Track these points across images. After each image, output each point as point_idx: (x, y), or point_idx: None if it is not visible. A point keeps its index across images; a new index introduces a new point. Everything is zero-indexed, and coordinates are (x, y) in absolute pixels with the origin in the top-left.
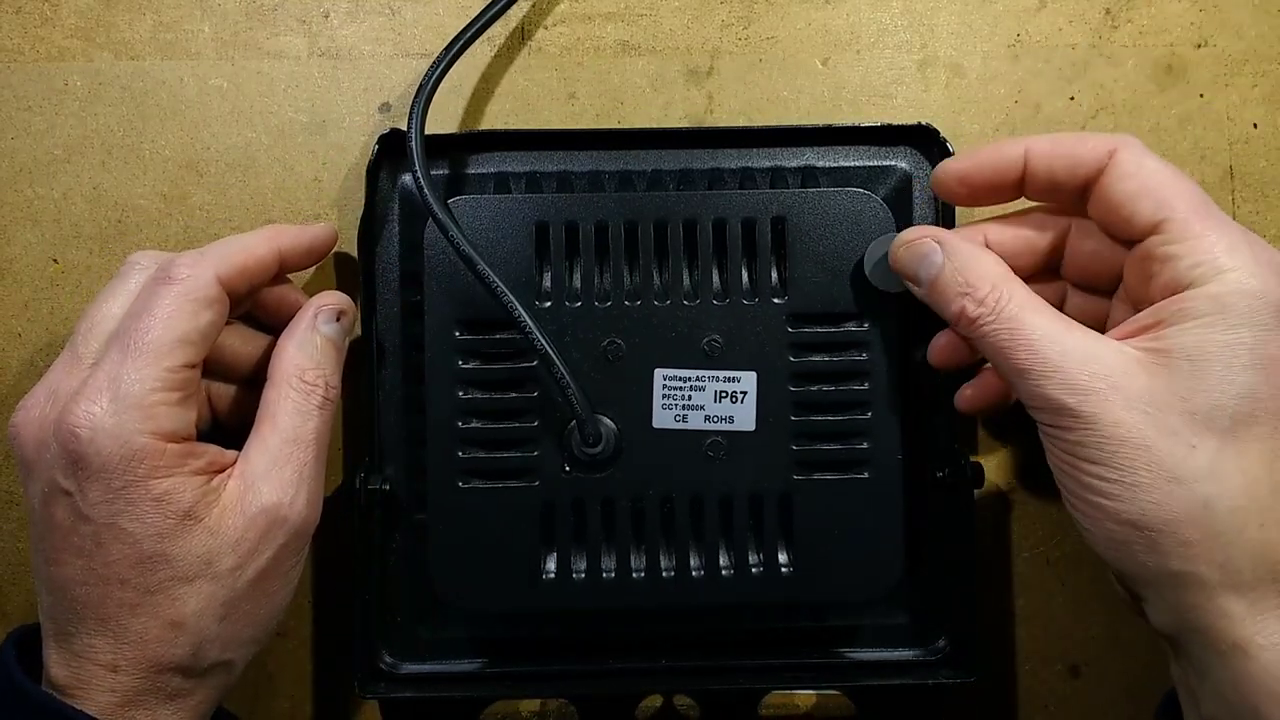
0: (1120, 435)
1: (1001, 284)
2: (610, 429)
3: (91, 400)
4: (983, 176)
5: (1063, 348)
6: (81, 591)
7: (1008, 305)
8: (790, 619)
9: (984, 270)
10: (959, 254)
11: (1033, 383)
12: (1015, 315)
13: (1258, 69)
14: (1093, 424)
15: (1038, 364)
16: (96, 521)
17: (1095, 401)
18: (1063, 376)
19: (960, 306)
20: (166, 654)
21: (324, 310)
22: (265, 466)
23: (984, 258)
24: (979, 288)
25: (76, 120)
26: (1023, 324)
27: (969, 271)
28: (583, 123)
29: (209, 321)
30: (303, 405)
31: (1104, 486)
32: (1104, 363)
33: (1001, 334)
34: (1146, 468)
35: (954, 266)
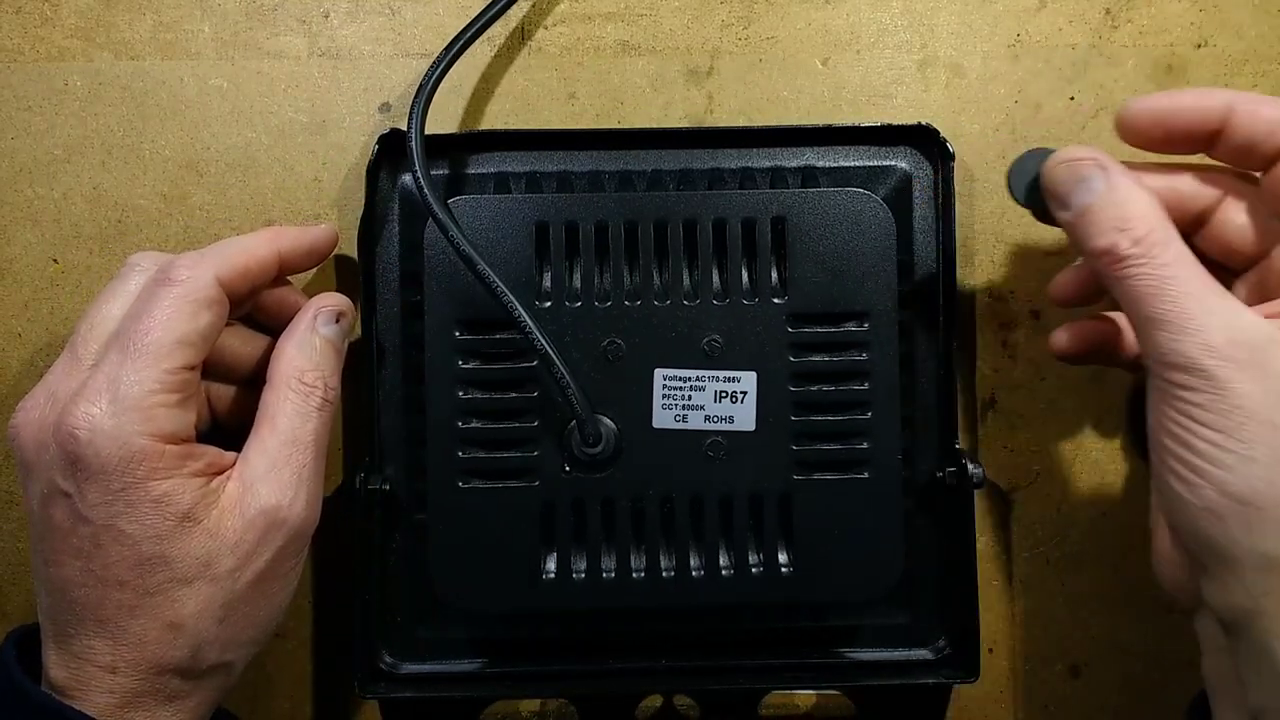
0: (1250, 408)
1: (1160, 228)
2: (610, 429)
3: (91, 402)
4: (1179, 121)
5: (1208, 307)
6: (80, 593)
7: (1163, 251)
8: (790, 619)
9: (1145, 208)
10: (1121, 186)
11: (1170, 335)
12: (1169, 262)
13: (1258, 69)
14: (1223, 390)
15: (1180, 316)
16: (95, 523)
17: (1231, 368)
18: (1204, 336)
19: (1113, 242)
20: (165, 655)
21: (323, 311)
22: (264, 468)
23: (1146, 196)
24: (1137, 226)
25: (76, 120)
26: (1174, 273)
27: (1129, 206)
28: (583, 123)
29: (208, 323)
30: (302, 407)
31: (1218, 455)
32: (1246, 331)
33: (1150, 279)
34: (1267, 445)
35: (1114, 199)
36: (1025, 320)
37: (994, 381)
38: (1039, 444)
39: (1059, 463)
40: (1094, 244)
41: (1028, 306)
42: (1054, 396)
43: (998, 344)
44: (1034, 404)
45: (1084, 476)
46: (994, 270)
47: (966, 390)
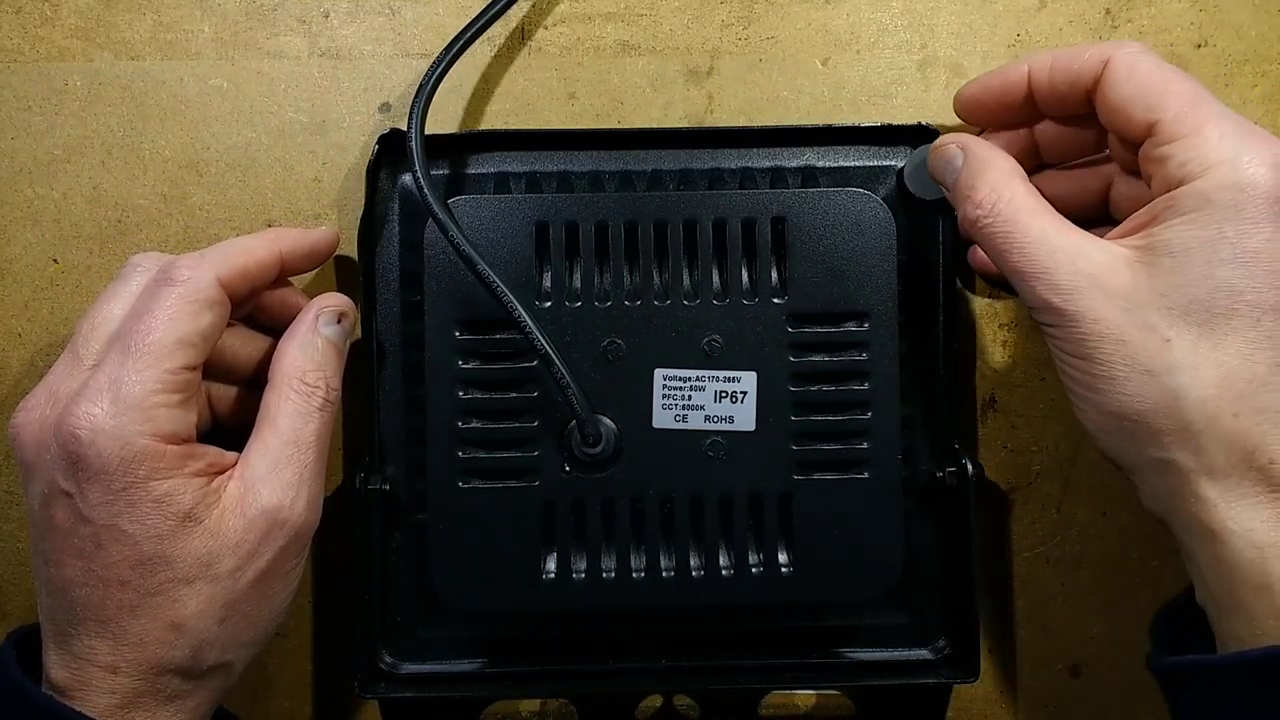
0: (1099, 331)
1: (1002, 186)
2: (610, 429)
3: (92, 402)
4: (992, 97)
5: (1051, 248)
6: (81, 593)
7: (1005, 207)
8: (790, 619)
9: (988, 174)
10: (973, 157)
11: (1026, 284)
12: (1010, 217)
13: (1258, 69)
14: (1075, 321)
15: (1027, 265)
16: (96, 523)
17: (1076, 299)
18: (1050, 277)
19: (963, 211)
20: (166, 656)
21: (325, 312)
22: (265, 469)
23: (994, 160)
24: (979, 189)
25: (76, 120)
26: (1016, 225)
27: (976, 175)
28: (583, 123)
29: (210, 323)
30: (303, 407)
31: (1087, 379)
32: (1090, 261)
33: (997, 236)
34: (1123, 362)
35: (969, 170)
36: (1025, 320)
37: (994, 381)
38: (1039, 444)
39: (1059, 463)
40: (959, 212)
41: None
42: (1054, 396)
43: (998, 344)
44: (1034, 404)
45: (1084, 476)
46: None
47: (966, 390)
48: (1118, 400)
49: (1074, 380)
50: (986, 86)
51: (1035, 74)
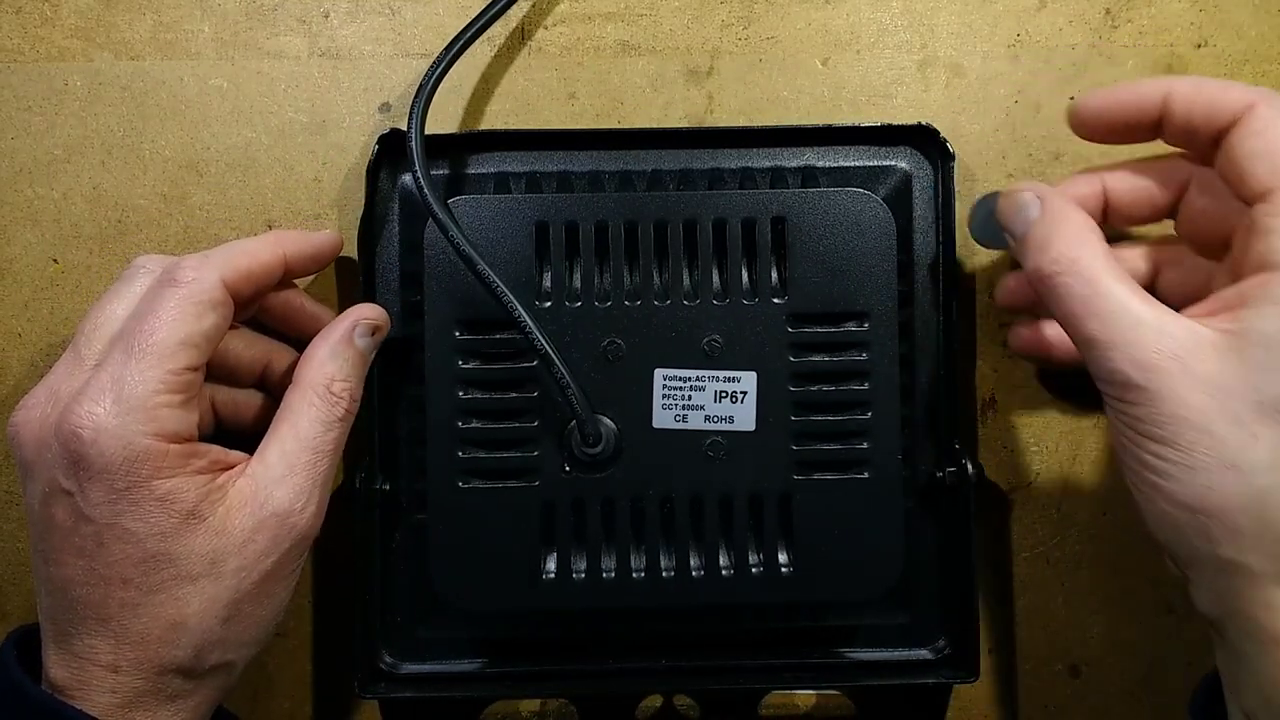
0: (1183, 416)
1: (1083, 245)
2: (610, 429)
3: (94, 401)
4: (1121, 114)
5: (1134, 319)
6: (82, 592)
7: (1086, 266)
8: (790, 619)
9: (1069, 228)
10: (1051, 209)
11: (1100, 353)
12: (1092, 278)
13: (1258, 69)
14: (1157, 401)
15: (1108, 334)
16: (98, 522)
17: (1161, 379)
18: (1132, 350)
19: (1037, 263)
20: (168, 655)
21: (363, 323)
22: (282, 471)
23: (1074, 215)
24: (1058, 245)
25: (76, 120)
26: (1097, 290)
27: (1055, 227)
28: (583, 123)
29: (213, 325)
30: (326, 415)
31: (1162, 465)
32: (1175, 340)
33: (1075, 299)
34: (1205, 451)
35: (1044, 222)
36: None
37: (994, 381)
38: (1039, 444)
39: (1059, 463)
40: (1026, 266)
41: None
42: (1054, 396)
43: (998, 344)
44: (1034, 404)
45: (1084, 476)
46: (994, 270)
47: (966, 390)
48: (1194, 491)
49: (1143, 464)
50: (1118, 99)
51: (1174, 98)
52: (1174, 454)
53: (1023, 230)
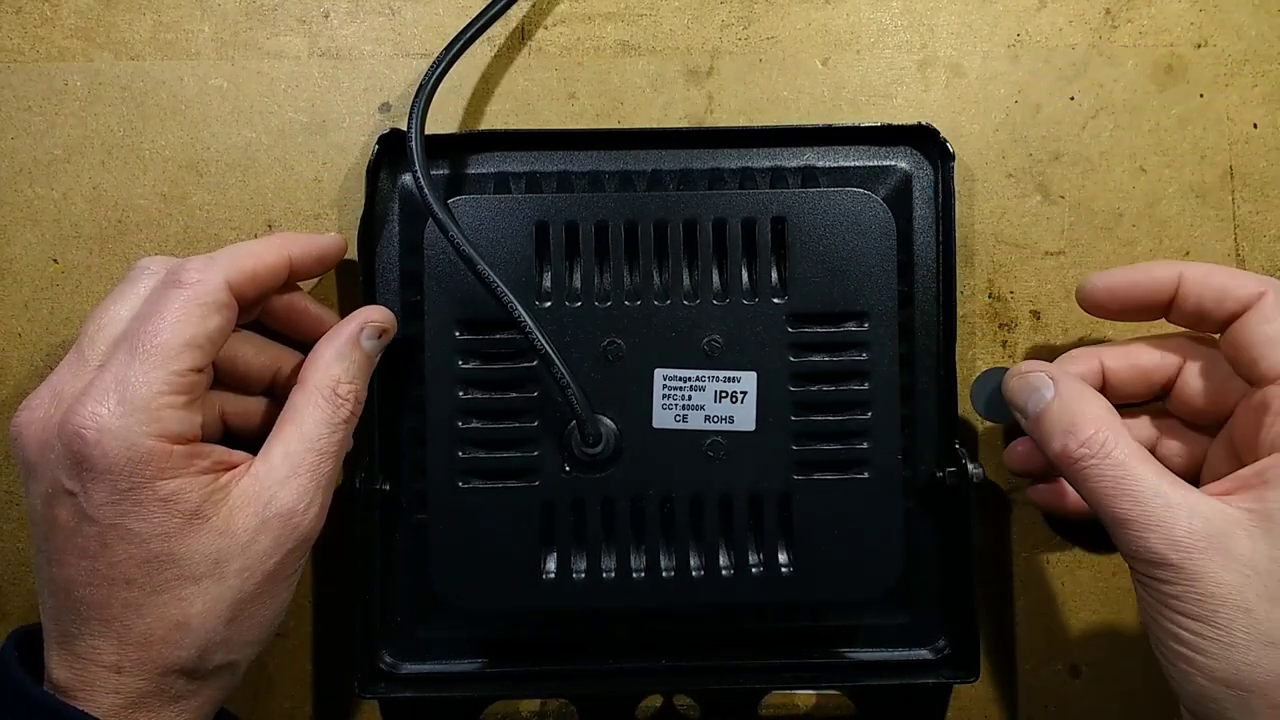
0: (1221, 595)
1: (1107, 428)
2: (610, 429)
3: (98, 401)
4: (1133, 295)
5: (1166, 501)
6: (86, 592)
7: (1113, 450)
8: (790, 619)
9: (1091, 411)
10: (1068, 391)
11: (1134, 533)
12: (1121, 462)
13: (1258, 69)
14: (1194, 581)
15: (1141, 515)
16: (101, 522)
17: (1198, 559)
18: (1166, 531)
19: (1063, 445)
20: (171, 655)
21: (370, 325)
22: (286, 472)
23: (1092, 398)
24: (1084, 428)
25: (76, 120)
26: (1128, 472)
27: (1075, 410)
28: (583, 123)
29: (217, 326)
30: (331, 417)
31: (1199, 643)
32: (1207, 520)
33: (1105, 480)
34: (1245, 630)
35: (1062, 404)
36: (1025, 320)
37: None
38: None
39: None
40: (1049, 448)
41: (1028, 306)
42: None
43: (998, 344)
44: None
45: None
46: (994, 270)
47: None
48: (1234, 668)
49: (1178, 639)
50: (1131, 280)
51: (1187, 282)
52: (1212, 631)
53: (1037, 410)
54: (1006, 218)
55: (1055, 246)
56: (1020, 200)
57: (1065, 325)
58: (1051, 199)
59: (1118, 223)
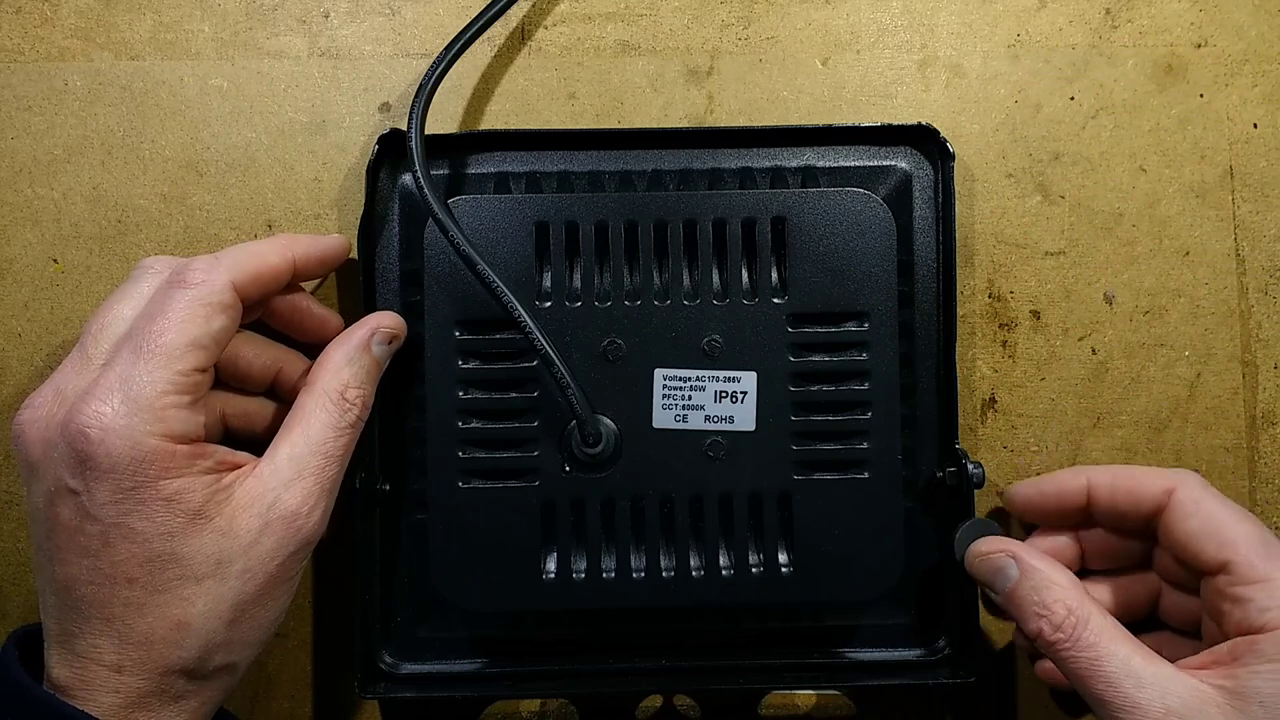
0: None
1: (1077, 609)
2: (610, 429)
3: (102, 401)
4: (1047, 506)
5: (1138, 680)
6: (87, 591)
7: (1084, 632)
8: (790, 619)
9: (1058, 592)
10: (1033, 573)
11: (1112, 713)
12: (1093, 643)
13: (1258, 69)
14: None
15: (1116, 697)
16: (104, 521)
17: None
18: (1140, 713)
19: (1038, 628)
20: (172, 655)
21: (382, 331)
22: (291, 474)
23: (1058, 577)
24: (1055, 611)
25: (76, 120)
26: (1099, 653)
27: (1044, 592)
28: (583, 123)
29: (221, 327)
30: (338, 421)
31: None
32: (1178, 699)
33: (1081, 661)
34: None
35: (1029, 585)
36: (1025, 320)
37: (994, 381)
38: (1039, 444)
39: (1059, 463)
40: (1026, 628)
41: (1028, 306)
42: (1054, 396)
43: (998, 344)
44: (1034, 404)
45: None
46: (994, 270)
47: (966, 390)
48: None
49: None
50: (1041, 491)
51: (1095, 490)
52: None
53: (1005, 589)
54: (1006, 218)
55: (1055, 246)
56: (1020, 200)
57: (1065, 325)
58: (1051, 199)
59: (1118, 223)
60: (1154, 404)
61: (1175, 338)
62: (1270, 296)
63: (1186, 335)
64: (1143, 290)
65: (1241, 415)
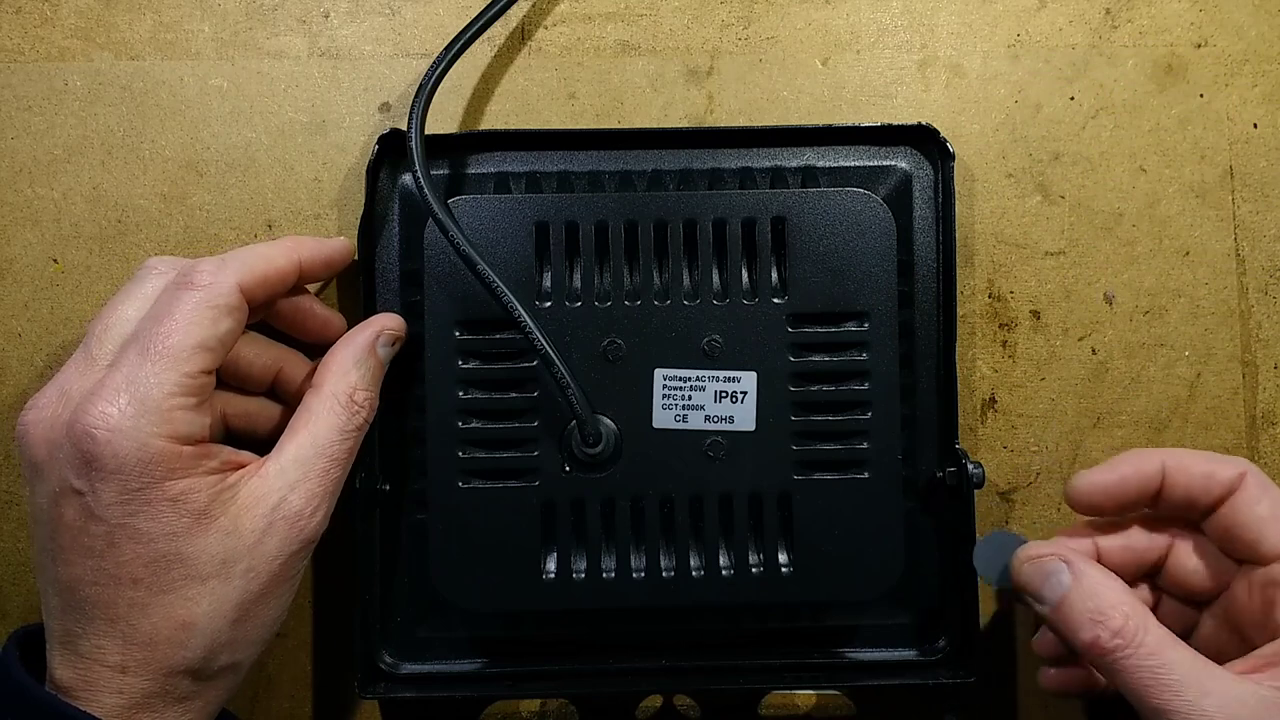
0: None
1: (1135, 615)
2: (610, 429)
3: (109, 401)
4: (1125, 492)
5: (1204, 689)
6: (91, 591)
7: (1146, 639)
8: (790, 619)
9: (1116, 598)
10: (1088, 577)
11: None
12: (1155, 651)
13: (1258, 69)
14: None
15: (1182, 707)
16: (110, 522)
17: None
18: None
19: (1094, 636)
20: (177, 656)
21: (387, 333)
22: (296, 475)
23: (1113, 584)
24: (1112, 618)
25: (76, 120)
26: (1162, 661)
27: (1101, 597)
28: (583, 123)
29: (228, 329)
30: (345, 424)
31: None
32: (1241, 704)
33: (1141, 671)
34: None
35: (1084, 591)
36: (1025, 320)
37: (994, 381)
38: (1039, 444)
39: (1059, 463)
40: (1076, 638)
41: (1028, 306)
42: (1054, 396)
43: (998, 344)
44: (1034, 404)
45: None
46: (994, 270)
47: (966, 390)
48: None
49: None
50: (1121, 476)
51: (1173, 475)
52: None
53: (1056, 597)
54: (1006, 218)
55: (1055, 246)
56: (1020, 200)
57: (1065, 325)
58: (1051, 199)
59: (1118, 223)
60: (1154, 404)
61: (1175, 338)
62: (1270, 296)
63: (1186, 335)
64: (1143, 290)
65: (1241, 415)
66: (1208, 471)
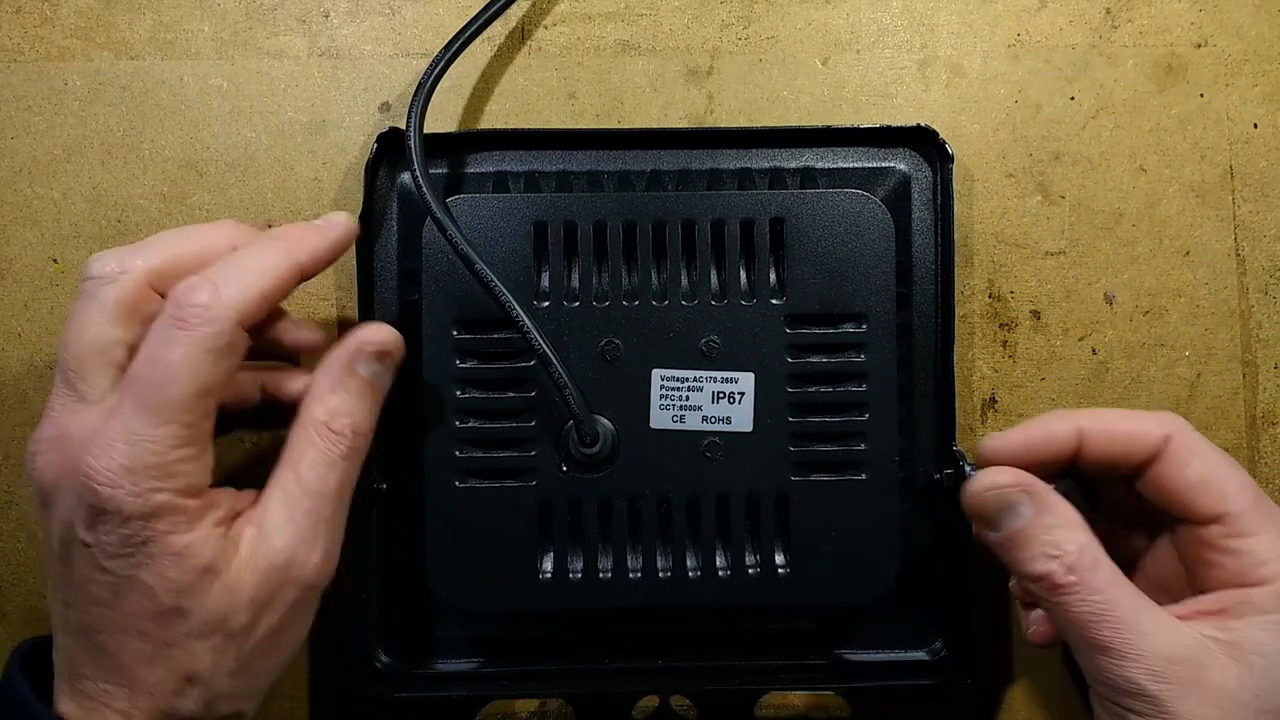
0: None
1: (1090, 549)
2: (607, 429)
3: (109, 456)
4: (1034, 456)
5: (1144, 629)
6: (100, 639)
7: (1095, 575)
8: (787, 620)
9: (1074, 534)
10: (1049, 510)
11: (1113, 660)
12: (1102, 588)
13: (1258, 69)
14: (1168, 712)
15: (1121, 644)
16: (116, 574)
17: (1174, 689)
18: (1146, 661)
19: (1048, 569)
20: (180, 705)
21: (365, 352)
22: (282, 519)
23: (1074, 518)
24: (1069, 552)
25: (76, 120)
26: (1109, 597)
27: (1059, 531)
28: (582, 123)
29: (228, 368)
30: (327, 455)
31: None
32: (1181, 648)
33: (1087, 606)
34: None
35: (1043, 523)
36: (1025, 320)
37: (994, 381)
38: None
39: None
40: (1027, 569)
41: (1027, 306)
42: (1054, 396)
43: (998, 344)
44: (1034, 404)
45: None
46: (994, 270)
47: (967, 390)
48: None
49: None
50: (1028, 440)
51: (1090, 437)
52: None
53: (1011, 528)
54: (1006, 218)
55: (1055, 246)
56: (1020, 200)
57: (1065, 325)
58: (1051, 199)
59: (1118, 223)
60: (1154, 404)
61: (1175, 338)
62: (1270, 296)
63: (1186, 335)
64: (1143, 290)
65: (1241, 415)
66: (1131, 432)
